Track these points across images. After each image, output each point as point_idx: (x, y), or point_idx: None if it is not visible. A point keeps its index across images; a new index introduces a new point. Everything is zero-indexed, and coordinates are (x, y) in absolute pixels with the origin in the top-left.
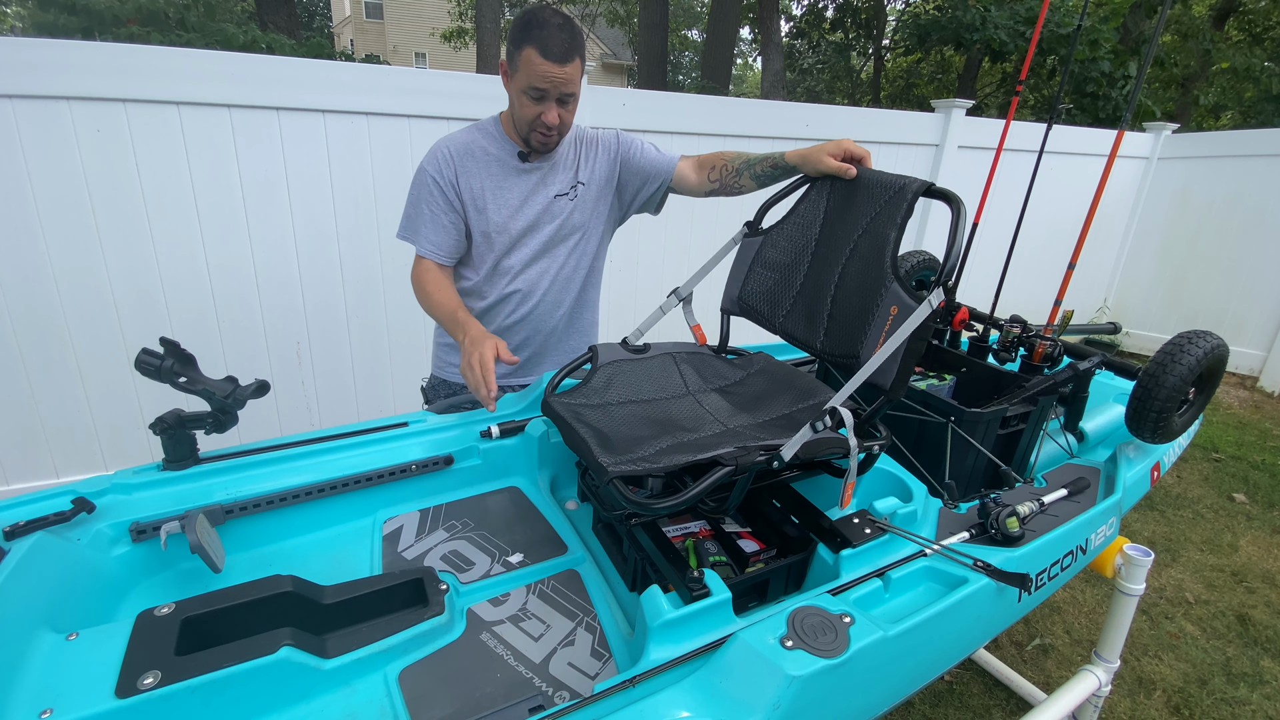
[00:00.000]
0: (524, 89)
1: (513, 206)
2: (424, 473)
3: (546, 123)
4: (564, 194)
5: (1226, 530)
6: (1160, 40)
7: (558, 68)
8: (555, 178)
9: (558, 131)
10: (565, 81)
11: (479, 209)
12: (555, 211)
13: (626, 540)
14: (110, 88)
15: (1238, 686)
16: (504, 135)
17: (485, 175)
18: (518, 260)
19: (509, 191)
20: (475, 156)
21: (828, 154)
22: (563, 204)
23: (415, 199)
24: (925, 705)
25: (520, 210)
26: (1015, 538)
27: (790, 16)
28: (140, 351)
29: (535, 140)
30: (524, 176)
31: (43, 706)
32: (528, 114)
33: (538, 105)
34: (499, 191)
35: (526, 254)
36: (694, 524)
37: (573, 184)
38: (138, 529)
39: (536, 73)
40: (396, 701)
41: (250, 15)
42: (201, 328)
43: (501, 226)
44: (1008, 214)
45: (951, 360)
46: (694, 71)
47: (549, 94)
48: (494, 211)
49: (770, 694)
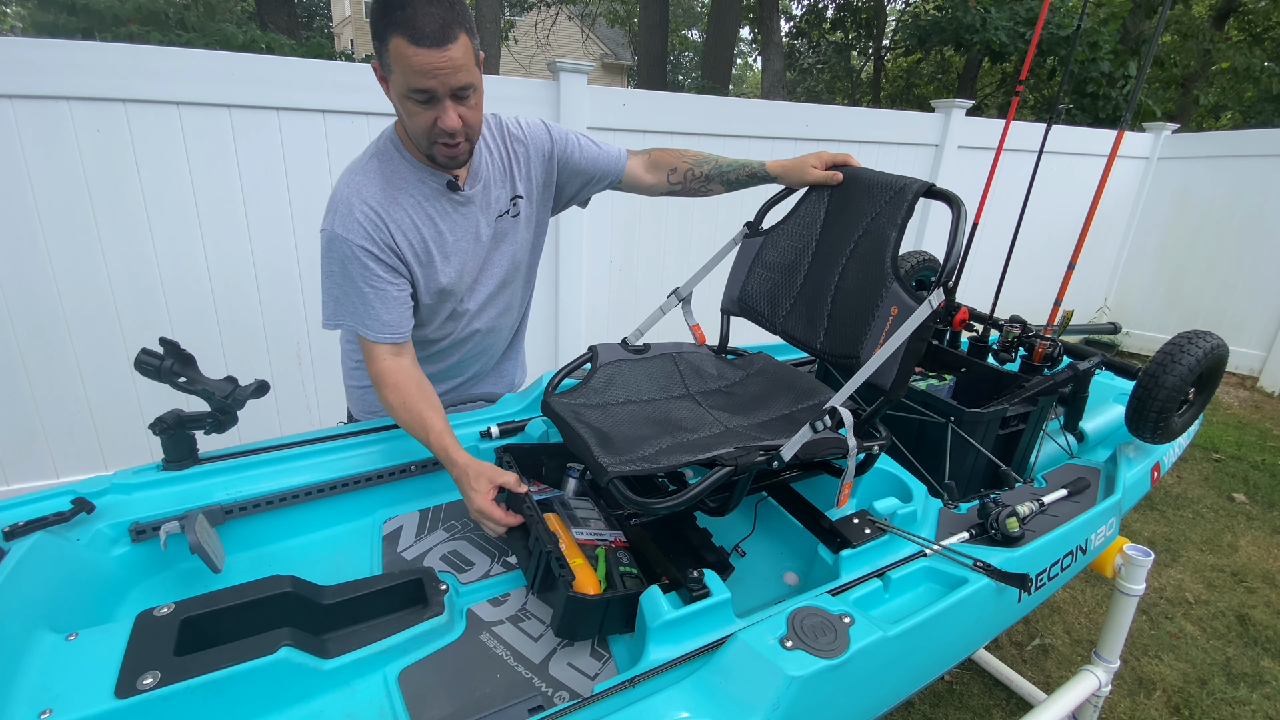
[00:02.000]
0: (405, 93)
1: (465, 250)
2: (424, 473)
3: (446, 129)
4: (505, 213)
5: (1226, 530)
6: (1160, 40)
7: (436, 53)
8: (491, 195)
9: (464, 135)
10: (451, 70)
11: (427, 264)
12: (502, 236)
13: (533, 535)
14: (110, 88)
15: (1238, 686)
16: (411, 159)
17: (423, 221)
18: (475, 302)
19: (457, 231)
20: (400, 203)
21: (811, 166)
22: (506, 224)
23: (342, 278)
24: (925, 705)
25: (474, 250)
26: (1015, 538)
27: (790, 16)
28: (140, 351)
29: (440, 154)
30: (464, 208)
31: (42, 707)
32: (421, 123)
33: (429, 109)
34: (447, 237)
35: (485, 293)
36: (609, 533)
37: (512, 198)
38: (137, 529)
39: (412, 66)
40: (396, 702)
41: (250, 15)
42: (201, 328)
43: (459, 275)
44: (1008, 214)
45: (951, 360)
46: (694, 71)
47: (437, 92)
48: (448, 263)
49: (770, 694)
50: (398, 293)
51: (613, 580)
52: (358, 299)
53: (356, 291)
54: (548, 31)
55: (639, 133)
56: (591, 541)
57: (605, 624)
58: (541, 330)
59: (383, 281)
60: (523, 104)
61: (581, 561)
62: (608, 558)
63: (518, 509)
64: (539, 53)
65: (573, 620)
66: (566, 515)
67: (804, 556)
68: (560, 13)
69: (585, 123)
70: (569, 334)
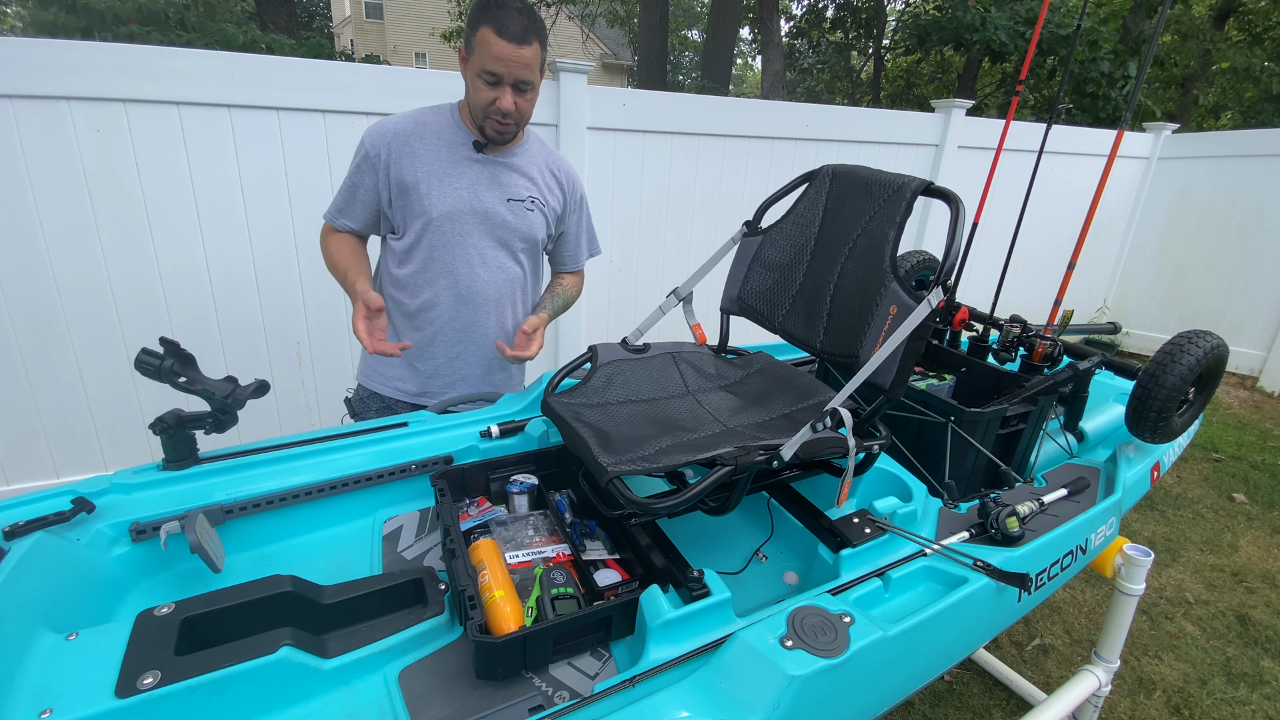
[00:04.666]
0: (479, 72)
1: (459, 196)
2: (424, 473)
3: (501, 108)
4: (519, 200)
5: (1226, 530)
6: (1160, 40)
7: (514, 48)
8: (513, 181)
9: (514, 120)
10: (521, 65)
11: (417, 194)
12: (506, 214)
13: (450, 571)
14: (110, 88)
15: (1238, 686)
16: (459, 122)
17: (431, 159)
18: (461, 260)
19: (455, 180)
20: (423, 138)
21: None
22: (517, 210)
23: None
24: (925, 705)
25: (468, 202)
26: (1015, 538)
27: (790, 16)
28: (140, 351)
29: (491, 128)
30: (475, 166)
31: (42, 706)
32: (482, 99)
33: (492, 90)
34: (444, 179)
35: (471, 254)
36: (550, 548)
37: (531, 195)
38: (137, 529)
39: (491, 53)
40: (396, 701)
41: (250, 15)
42: (201, 328)
43: (446, 216)
44: (1008, 214)
45: (951, 360)
46: (694, 71)
47: (504, 78)
48: (437, 198)
49: (770, 694)
50: (363, 194)
51: (543, 608)
52: (345, 182)
53: (347, 177)
54: (548, 31)
55: (639, 133)
56: (527, 564)
57: (533, 656)
58: None
59: (359, 178)
60: None
61: (505, 594)
62: (542, 580)
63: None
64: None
65: (487, 662)
66: (504, 537)
67: (804, 556)
68: (560, 13)
69: (585, 123)
70: (569, 334)
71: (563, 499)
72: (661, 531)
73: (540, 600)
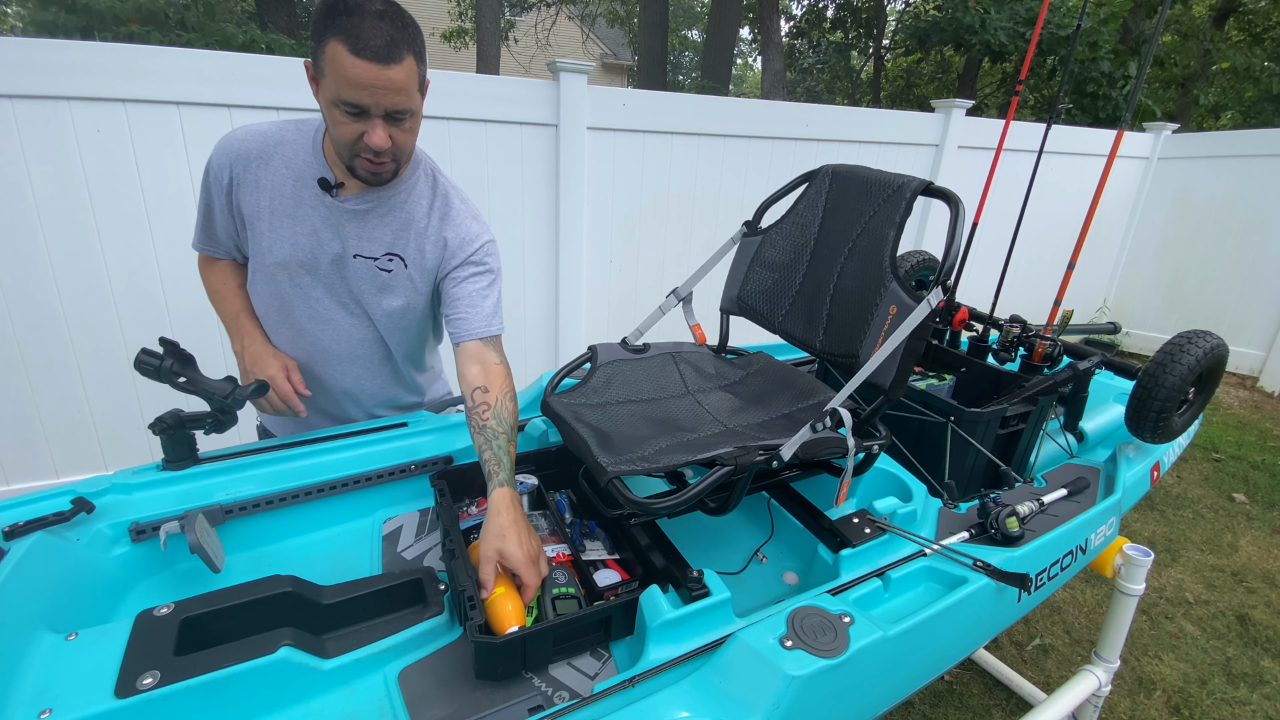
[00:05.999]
0: (334, 100)
1: (297, 244)
2: (424, 472)
3: (372, 145)
4: (371, 259)
5: (1226, 530)
6: (1160, 40)
7: (376, 69)
8: (367, 233)
9: (391, 156)
10: (391, 91)
11: (256, 232)
12: (350, 274)
13: (449, 570)
14: (110, 88)
15: (1238, 686)
16: (318, 151)
17: (273, 194)
18: (304, 314)
19: (297, 223)
20: (269, 164)
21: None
22: (364, 270)
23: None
24: (925, 705)
25: (308, 252)
26: (1015, 538)
27: (790, 16)
28: (140, 351)
29: (362, 168)
30: (321, 210)
31: (42, 706)
32: (345, 134)
33: (357, 123)
34: (285, 220)
35: (316, 308)
36: (550, 548)
37: (390, 253)
38: (137, 529)
39: (347, 77)
40: (396, 701)
41: (250, 15)
42: (201, 328)
43: (281, 265)
44: (1008, 214)
45: (951, 360)
46: (694, 71)
47: (368, 109)
48: (271, 242)
49: (770, 694)
50: (217, 215)
51: (543, 608)
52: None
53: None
54: (548, 31)
55: (639, 133)
56: None
57: (533, 656)
58: (541, 330)
59: (209, 201)
60: (523, 104)
61: (505, 591)
62: (542, 581)
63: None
64: (539, 53)
65: (487, 662)
66: None
67: (804, 556)
68: (560, 13)
69: (585, 123)
70: (569, 334)
71: (563, 499)
72: (661, 531)
73: (540, 600)
